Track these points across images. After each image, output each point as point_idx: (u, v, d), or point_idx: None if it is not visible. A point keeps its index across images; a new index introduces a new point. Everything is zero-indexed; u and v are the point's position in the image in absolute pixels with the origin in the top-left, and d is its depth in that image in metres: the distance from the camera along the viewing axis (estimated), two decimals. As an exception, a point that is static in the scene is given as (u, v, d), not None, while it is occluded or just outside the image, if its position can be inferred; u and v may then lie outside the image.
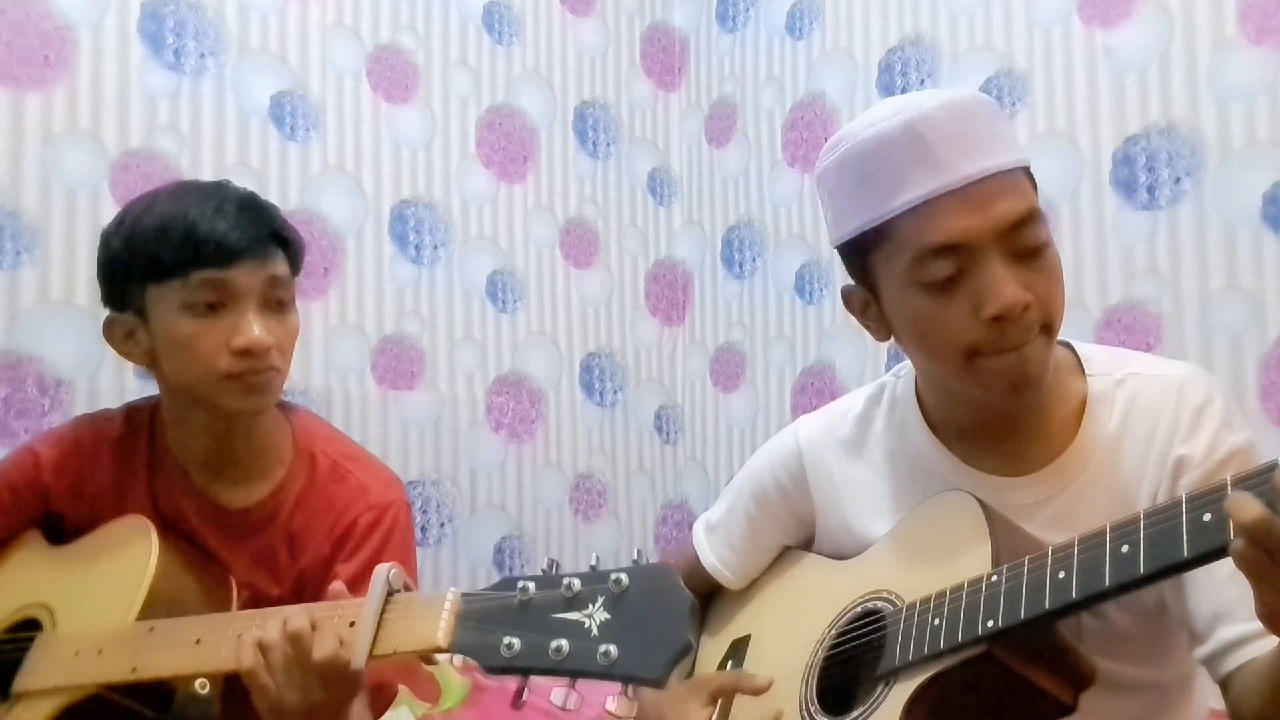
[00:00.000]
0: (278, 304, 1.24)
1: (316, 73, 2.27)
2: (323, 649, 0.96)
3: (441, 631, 0.86)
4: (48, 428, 1.86)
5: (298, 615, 0.99)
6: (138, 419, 1.35)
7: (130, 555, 1.20)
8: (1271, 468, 0.77)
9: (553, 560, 0.82)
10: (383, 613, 0.93)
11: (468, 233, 2.48)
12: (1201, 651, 0.98)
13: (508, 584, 0.84)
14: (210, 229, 1.19)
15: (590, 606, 0.78)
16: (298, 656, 0.97)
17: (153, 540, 1.20)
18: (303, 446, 1.32)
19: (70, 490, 1.30)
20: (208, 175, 2.09)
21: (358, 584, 1.20)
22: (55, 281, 1.92)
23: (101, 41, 2.01)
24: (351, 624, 0.95)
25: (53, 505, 1.31)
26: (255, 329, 1.20)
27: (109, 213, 1.98)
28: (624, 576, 0.78)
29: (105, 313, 1.32)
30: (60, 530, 1.31)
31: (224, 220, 1.20)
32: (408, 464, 2.32)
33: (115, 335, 1.28)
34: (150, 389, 1.94)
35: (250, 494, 1.30)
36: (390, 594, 0.94)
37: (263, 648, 0.99)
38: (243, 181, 1.40)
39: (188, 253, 1.19)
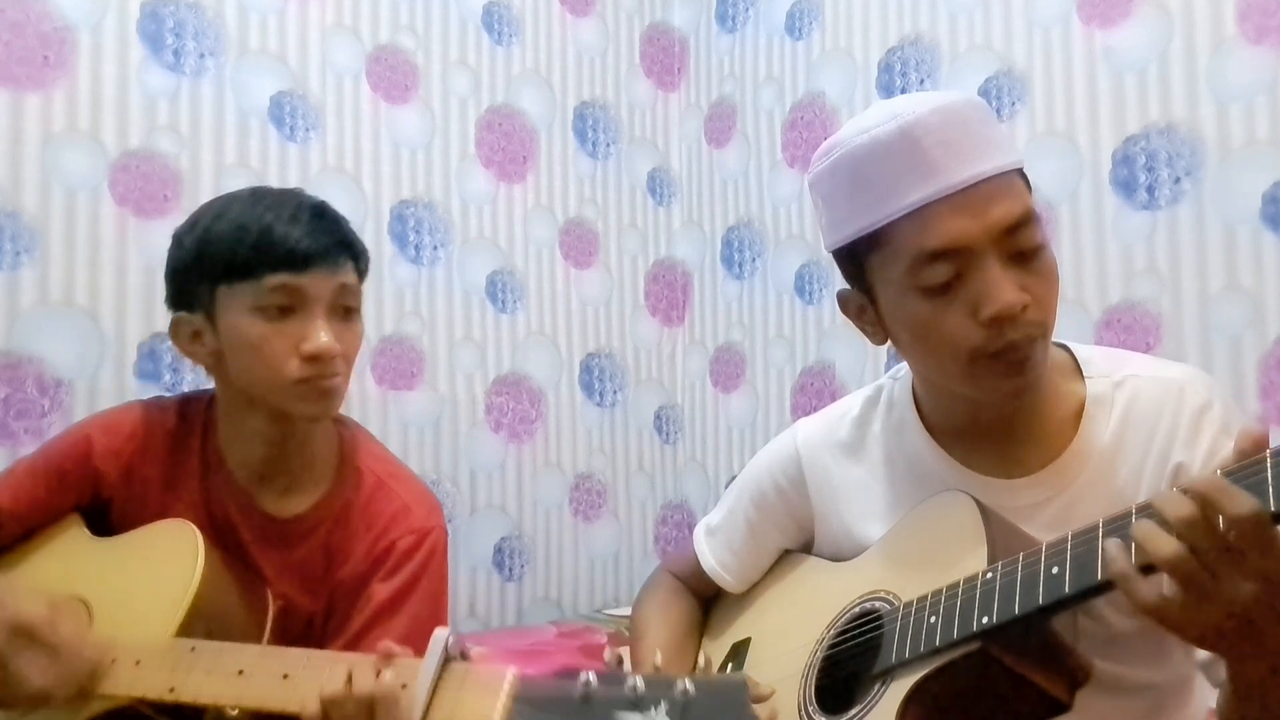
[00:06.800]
0: (345, 311, 1.25)
1: (316, 73, 2.27)
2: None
3: (498, 713, 0.84)
4: (47, 428, 1.87)
5: (363, 674, 0.96)
6: (192, 413, 1.33)
7: (175, 564, 1.18)
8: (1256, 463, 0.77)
9: (619, 656, 0.81)
10: (438, 679, 0.91)
11: (467, 233, 2.48)
12: (1202, 655, 0.99)
13: (568, 674, 0.83)
14: (286, 234, 1.20)
15: (654, 710, 0.73)
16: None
17: (199, 551, 1.18)
18: (349, 460, 1.32)
19: (121, 477, 1.29)
20: (207, 176, 2.10)
21: (391, 607, 1.23)
22: (55, 282, 1.92)
23: (101, 42, 2.01)
24: (404, 686, 0.93)
25: (102, 491, 1.30)
26: (324, 335, 1.20)
27: (109, 213, 1.99)
28: (690, 685, 0.74)
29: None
30: (104, 520, 1.30)
31: (299, 226, 1.21)
32: (407, 464, 2.32)
33: (181, 336, 1.27)
34: (153, 390, 1.96)
35: (295, 504, 1.29)
36: (446, 661, 0.92)
37: (331, 704, 0.96)
38: (242, 182, 1.40)
39: (263, 256, 1.19)
